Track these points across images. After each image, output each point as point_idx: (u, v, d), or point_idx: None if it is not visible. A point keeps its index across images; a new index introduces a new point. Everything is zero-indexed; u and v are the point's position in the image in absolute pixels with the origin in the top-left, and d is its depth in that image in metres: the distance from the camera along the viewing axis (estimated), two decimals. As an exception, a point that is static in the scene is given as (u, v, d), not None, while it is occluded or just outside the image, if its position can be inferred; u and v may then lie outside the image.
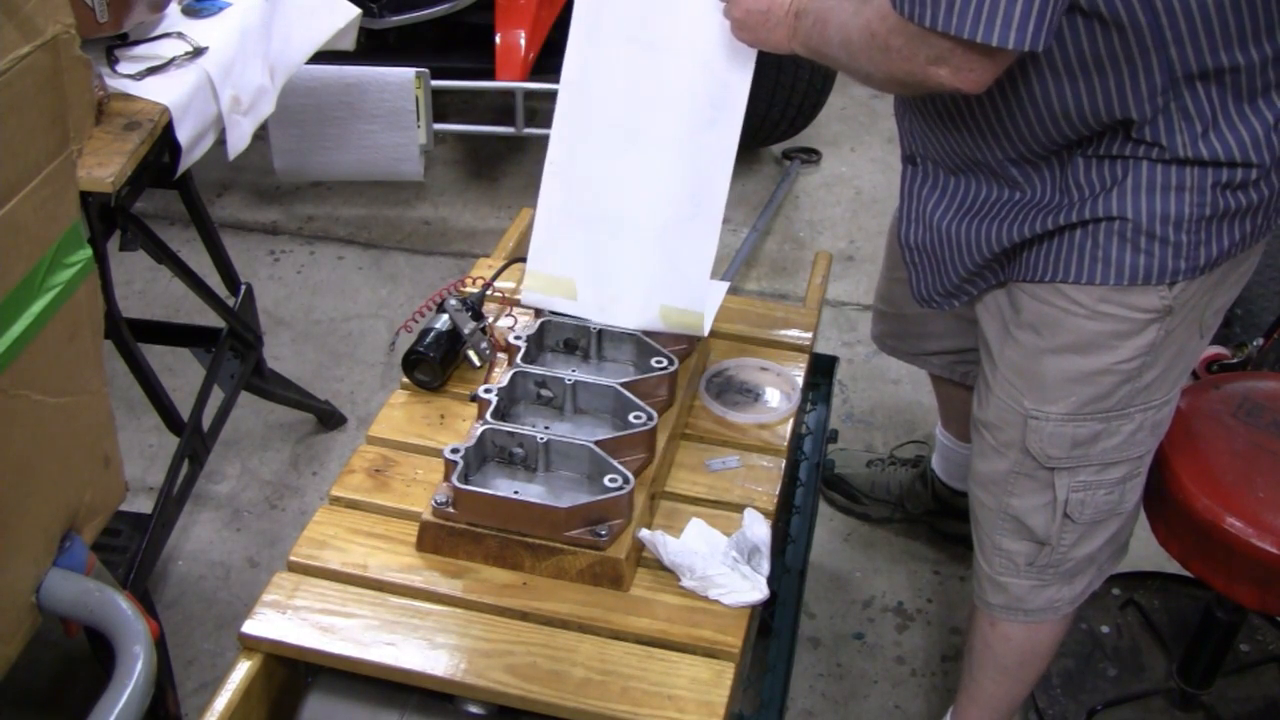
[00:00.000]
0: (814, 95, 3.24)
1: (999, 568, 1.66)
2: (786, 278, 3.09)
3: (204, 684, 2.06)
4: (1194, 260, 1.38)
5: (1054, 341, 1.48)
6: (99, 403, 1.41)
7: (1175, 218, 1.36)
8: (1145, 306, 1.42)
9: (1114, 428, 1.52)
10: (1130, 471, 1.58)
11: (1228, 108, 1.31)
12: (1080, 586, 1.68)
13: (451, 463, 1.42)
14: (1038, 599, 1.67)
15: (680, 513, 1.51)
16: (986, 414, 1.60)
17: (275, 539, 2.35)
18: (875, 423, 2.67)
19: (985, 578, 1.69)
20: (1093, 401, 1.49)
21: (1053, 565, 1.63)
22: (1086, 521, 1.59)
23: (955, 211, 1.51)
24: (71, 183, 1.29)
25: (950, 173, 1.50)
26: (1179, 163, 1.34)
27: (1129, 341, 1.45)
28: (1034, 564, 1.63)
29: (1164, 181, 1.35)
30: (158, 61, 1.85)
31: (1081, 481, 1.55)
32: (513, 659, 1.33)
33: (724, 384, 1.72)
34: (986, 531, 1.66)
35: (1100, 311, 1.43)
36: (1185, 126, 1.32)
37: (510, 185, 3.44)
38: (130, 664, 1.26)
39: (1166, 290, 1.40)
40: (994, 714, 1.82)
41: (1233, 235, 1.39)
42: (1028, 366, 1.52)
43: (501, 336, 1.70)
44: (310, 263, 3.12)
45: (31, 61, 1.17)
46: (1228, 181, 1.34)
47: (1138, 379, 1.48)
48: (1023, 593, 1.66)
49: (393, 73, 2.78)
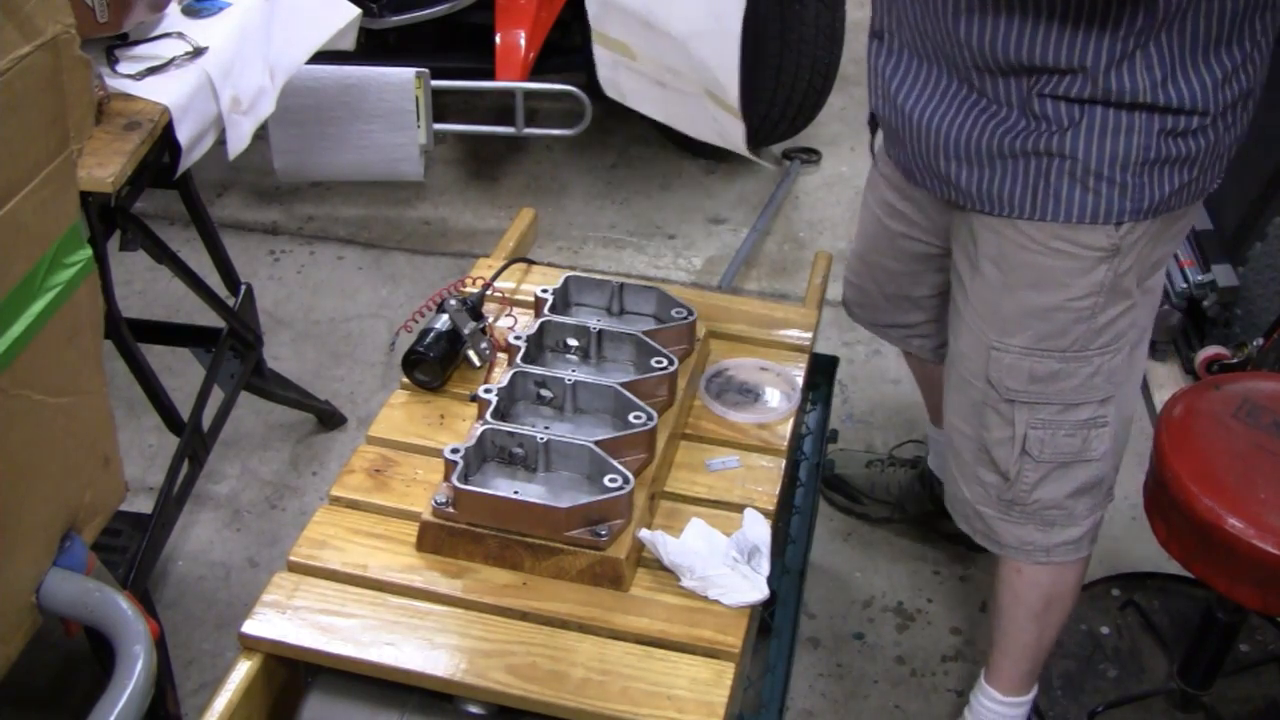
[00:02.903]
0: (814, 95, 3.24)
1: (976, 496, 1.74)
2: (786, 278, 3.10)
3: (204, 684, 2.06)
4: (1138, 203, 1.47)
5: (1012, 276, 1.57)
6: (99, 403, 1.41)
7: (1123, 159, 1.44)
8: (1094, 245, 1.50)
9: (1072, 369, 1.59)
10: (1093, 418, 1.64)
11: (1185, 58, 1.39)
12: (1059, 537, 1.72)
13: (451, 463, 1.42)
14: (1009, 535, 1.73)
15: (680, 513, 1.51)
16: (960, 345, 1.69)
17: (275, 539, 2.35)
18: (875, 423, 2.67)
19: (968, 507, 1.76)
20: (1049, 338, 1.58)
21: (1018, 503, 1.70)
22: (1047, 461, 1.65)
23: (919, 96, 1.54)
24: (71, 183, 1.29)
25: (918, 56, 1.54)
26: (1132, 107, 1.41)
27: (1081, 279, 1.53)
28: (1001, 498, 1.71)
29: (1114, 125, 1.43)
30: (158, 61, 1.85)
31: (1041, 419, 1.63)
32: (513, 659, 1.33)
33: (724, 384, 1.72)
34: (964, 462, 1.73)
35: (1053, 248, 1.52)
36: (1146, 75, 1.39)
37: (510, 185, 3.44)
38: (130, 664, 1.26)
39: (1114, 230, 1.49)
40: (1028, 662, 1.85)
41: (1173, 182, 1.48)
42: (990, 298, 1.60)
43: (501, 336, 1.70)
44: (310, 263, 3.12)
45: (31, 61, 1.17)
46: (1173, 128, 1.43)
47: (1091, 320, 1.56)
48: (993, 523, 1.73)
49: (393, 73, 2.78)
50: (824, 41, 3.13)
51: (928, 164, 1.58)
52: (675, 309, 1.70)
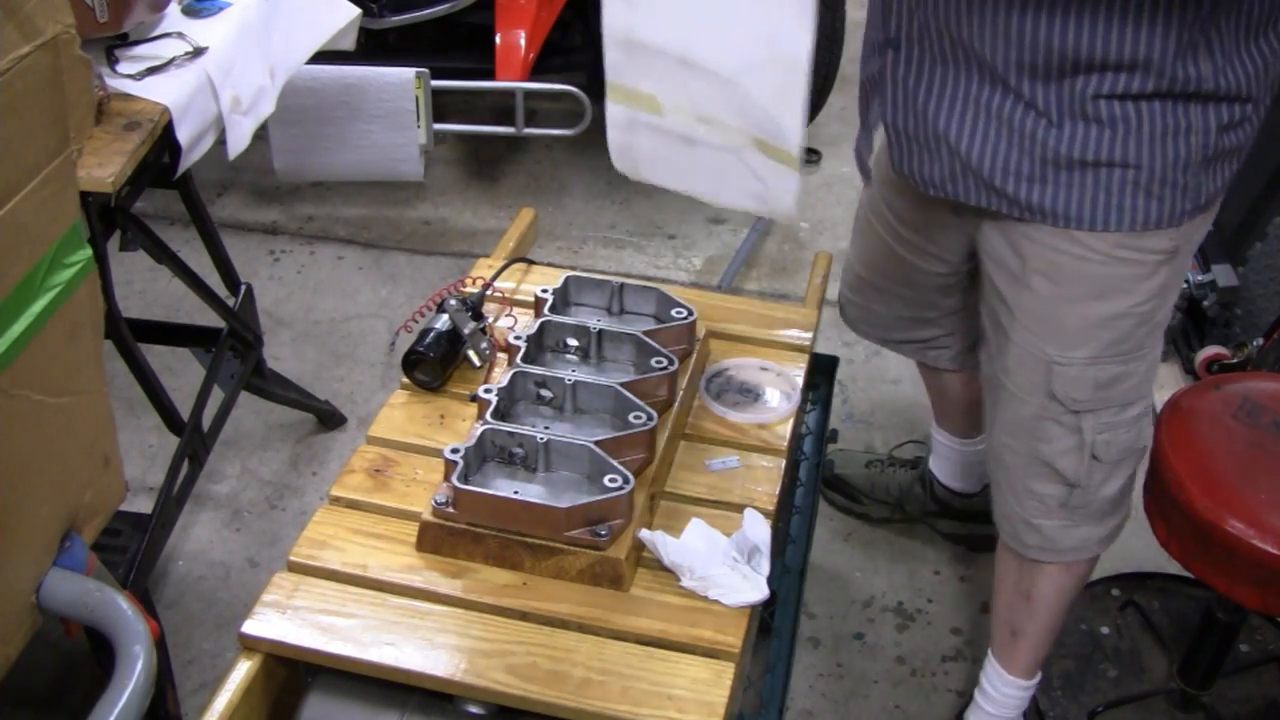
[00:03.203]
0: (814, 95, 3.23)
1: (1032, 510, 1.69)
2: (786, 278, 3.10)
3: (204, 684, 2.06)
4: (1196, 200, 1.45)
5: (1072, 289, 1.51)
6: (99, 403, 1.41)
7: (1185, 160, 1.40)
8: (1158, 248, 1.47)
9: (1132, 369, 1.58)
10: (1144, 409, 1.65)
11: (1240, 42, 1.36)
12: (1107, 528, 1.73)
13: (451, 463, 1.42)
14: (1070, 538, 1.71)
15: (680, 513, 1.51)
16: (1006, 361, 1.63)
17: (275, 539, 2.35)
18: (875, 423, 2.67)
19: (1019, 521, 1.71)
20: (1113, 345, 1.54)
21: (1083, 506, 1.68)
22: (1112, 461, 1.64)
23: (953, 108, 1.44)
24: (71, 183, 1.29)
25: (947, 64, 1.43)
26: (1192, 99, 1.37)
27: (1144, 284, 1.50)
28: (1065, 505, 1.67)
29: (1174, 125, 1.38)
30: (158, 61, 1.84)
31: (1105, 423, 1.60)
32: (513, 659, 1.33)
33: (724, 384, 1.72)
34: (1017, 477, 1.69)
35: (1116, 256, 1.47)
36: (1208, 61, 1.35)
37: (510, 185, 3.44)
38: (130, 664, 1.26)
39: (1175, 231, 1.46)
40: (1047, 646, 1.86)
41: (1225, 174, 1.47)
42: (1048, 314, 1.55)
43: (501, 336, 1.70)
44: (310, 263, 3.12)
45: (31, 61, 1.17)
46: (1228, 120, 1.40)
47: (1150, 319, 1.55)
48: (1055, 533, 1.70)
49: (393, 73, 2.78)
50: (824, 42, 3.13)
51: (966, 178, 1.49)
52: (675, 309, 1.70)
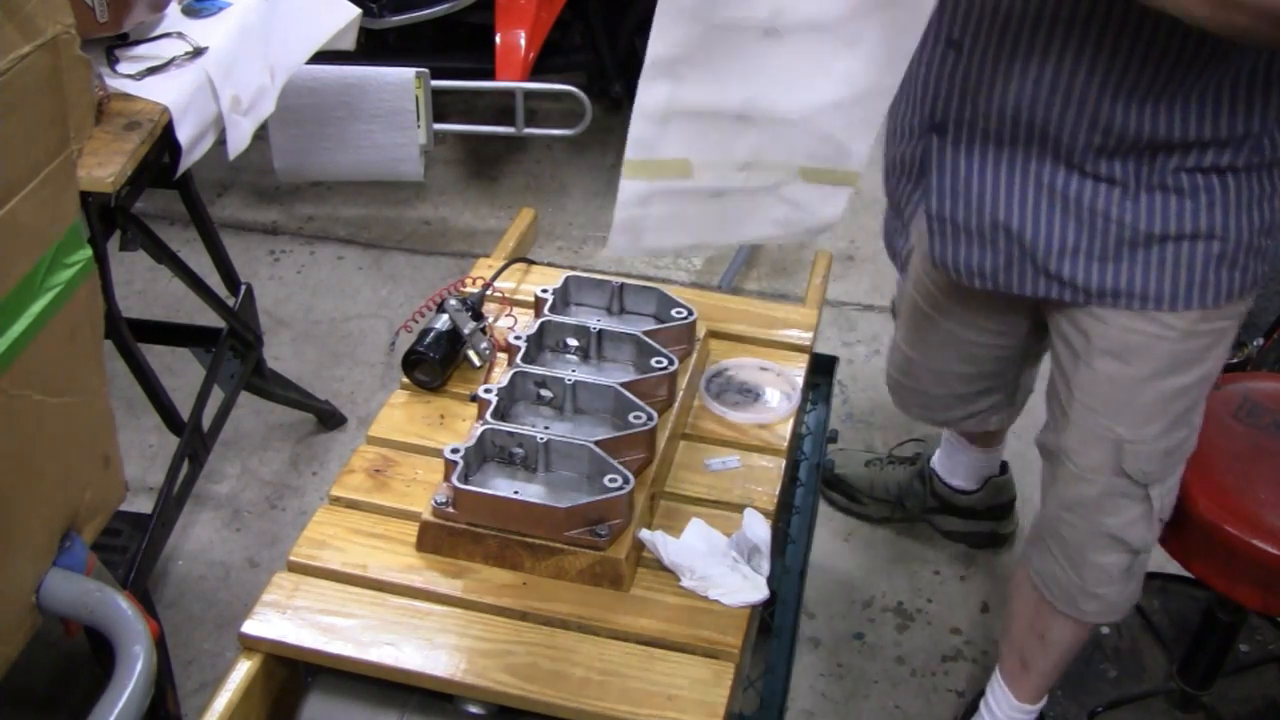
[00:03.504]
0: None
1: (1093, 580, 1.65)
2: (786, 278, 3.09)
3: (204, 684, 2.06)
4: (1270, 260, 1.40)
5: (1143, 368, 1.45)
6: (99, 403, 1.41)
7: (1266, 226, 1.36)
8: (1235, 314, 1.43)
9: (1195, 424, 1.55)
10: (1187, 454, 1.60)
11: None
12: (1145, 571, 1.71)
13: (451, 463, 1.42)
14: (1128, 600, 1.68)
15: (680, 513, 1.51)
16: (1066, 440, 1.57)
17: (275, 539, 2.35)
18: (875, 422, 2.67)
19: (1077, 590, 1.66)
20: (1184, 413, 1.51)
21: (1144, 567, 1.66)
22: (1168, 517, 1.62)
23: (1011, 192, 1.37)
24: (71, 183, 1.29)
25: (1003, 146, 1.36)
26: (1273, 166, 1.33)
27: (1216, 350, 1.46)
28: (1129, 570, 1.64)
29: (1260, 192, 1.34)
30: (158, 61, 1.85)
31: (1169, 486, 1.59)
32: (513, 659, 1.33)
33: (724, 384, 1.72)
34: (1076, 549, 1.63)
35: (1195, 332, 1.41)
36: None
37: (510, 185, 3.44)
38: (130, 664, 1.26)
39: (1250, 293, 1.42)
40: (1052, 679, 1.85)
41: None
42: (1117, 396, 1.49)
43: (501, 336, 1.69)
44: (310, 263, 3.12)
45: (31, 61, 1.17)
46: None
47: (1213, 377, 1.51)
48: (1116, 598, 1.67)
49: (393, 73, 2.78)
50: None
51: (1023, 266, 1.42)
52: (675, 309, 1.70)
